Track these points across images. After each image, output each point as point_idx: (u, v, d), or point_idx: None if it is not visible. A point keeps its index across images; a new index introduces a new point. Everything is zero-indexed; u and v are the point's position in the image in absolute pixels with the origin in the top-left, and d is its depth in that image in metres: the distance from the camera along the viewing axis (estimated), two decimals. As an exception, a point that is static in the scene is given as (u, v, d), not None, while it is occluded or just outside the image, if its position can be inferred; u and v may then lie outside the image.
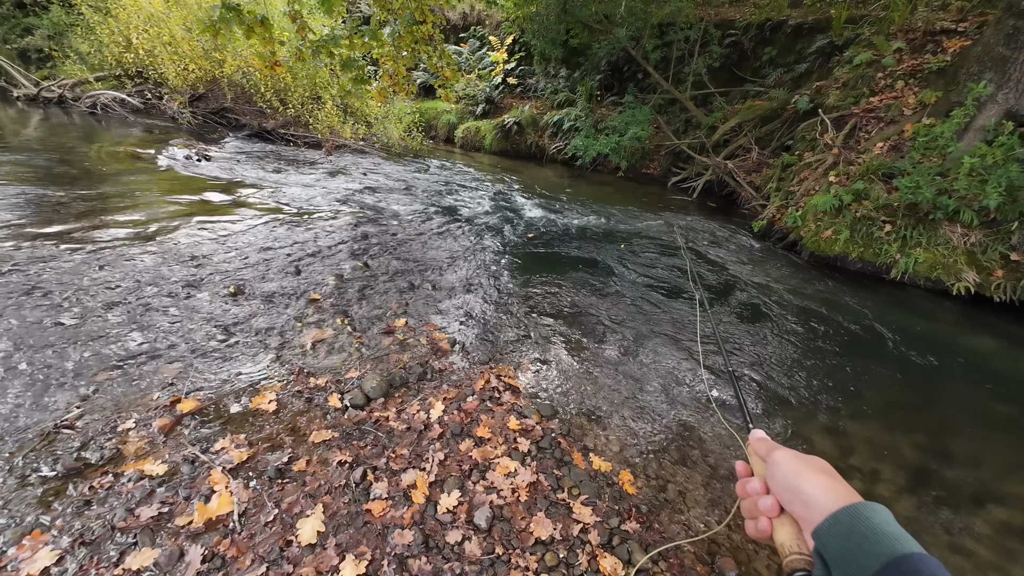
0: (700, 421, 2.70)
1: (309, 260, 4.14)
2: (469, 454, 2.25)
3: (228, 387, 2.50)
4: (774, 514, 0.57)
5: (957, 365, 3.51)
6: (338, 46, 4.60)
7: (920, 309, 4.34)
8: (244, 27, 4.00)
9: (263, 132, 9.75)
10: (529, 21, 10.05)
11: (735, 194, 7.64)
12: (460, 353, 3.10)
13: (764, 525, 0.58)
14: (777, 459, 0.59)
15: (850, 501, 0.49)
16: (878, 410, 2.94)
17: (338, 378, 2.68)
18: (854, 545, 0.45)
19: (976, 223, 4.35)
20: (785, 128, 7.51)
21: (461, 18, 15.05)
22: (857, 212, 5.00)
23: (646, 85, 10.03)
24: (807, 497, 0.53)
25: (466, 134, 12.43)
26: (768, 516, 0.58)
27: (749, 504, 0.61)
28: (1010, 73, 4.61)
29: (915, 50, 6.22)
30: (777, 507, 0.57)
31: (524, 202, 7.20)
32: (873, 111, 5.95)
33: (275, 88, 9.43)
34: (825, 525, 0.49)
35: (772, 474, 0.59)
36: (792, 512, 0.55)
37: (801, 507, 0.53)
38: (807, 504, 0.52)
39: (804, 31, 8.36)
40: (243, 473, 2.00)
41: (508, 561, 1.78)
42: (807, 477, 0.54)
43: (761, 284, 4.64)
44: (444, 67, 5.54)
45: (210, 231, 4.46)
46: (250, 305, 3.30)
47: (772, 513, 0.57)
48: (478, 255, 4.81)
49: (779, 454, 0.60)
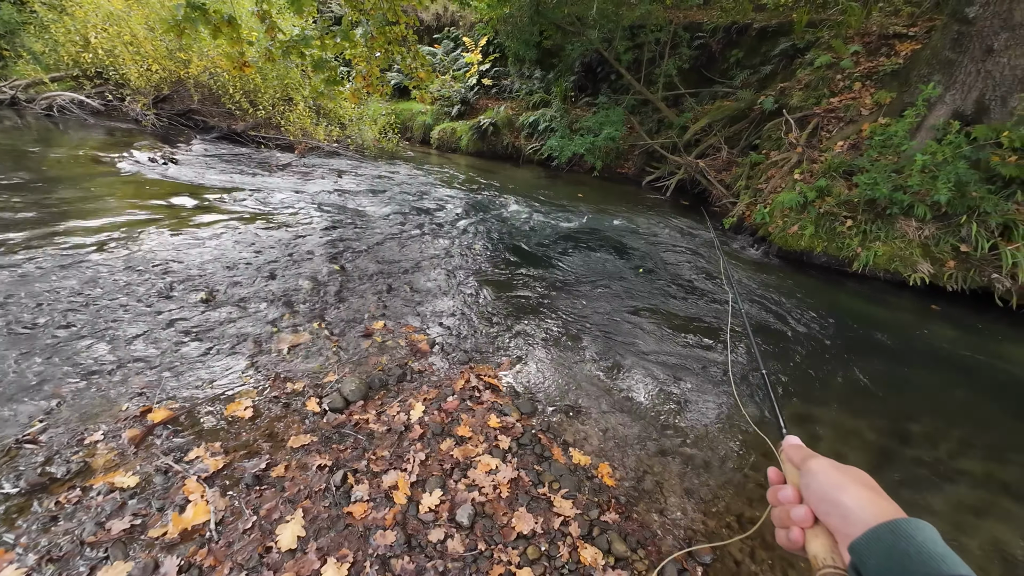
0: (676, 412, 2.78)
1: (283, 264, 4.07)
2: (450, 453, 2.26)
3: (201, 395, 2.45)
4: (807, 524, 0.55)
5: (914, 352, 3.71)
6: (309, 47, 4.54)
7: (880, 300, 4.56)
8: (210, 27, 3.90)
9: (232, 134, 9.50)
10: (503, 22, 10.10)
11: (707, 192, 7.85)
12: (439, 354, 3.11)
13: (796, 535, 0.55)
14: (814, 468, 0.57)
15: (892, 517, 0.47)
16: (842, 397, 3.09)
17: (316, 382, 2.66)
18: (895, 564, 0.43)
19: (929, 217, 4.59)
20: (752, 128, 7.76)
21: (434, 19, 14.99)
22: (820, 208, 5.22)
23: (619, 86, 10.20)
24: (845, 509, 0.50)
25: (442, 135, 12.39)
26: (801, 526, 0.56)
27: (781, 512, 0.59)
28: (956, 75, 4.89)
29: (870, 53, 6.52)
30: (811, 517, 0.55)
31: (501, 203, 7.23)
32: (833, 111, 6.22)
33: (244, 89, 9.21)
34: (864, 540, 0.47)
35: (807, 483, 0.57)
36: (828, 524, 0.53)
37: (838, 519, 0.51)
38: (845, 517, 0.50)
39: (768, 34, 8.66)
40: (219, 481, 1.97)
41: (491, 556, 1.80)
42: (847, 489, 0.52)
43: (733, 277, 4.79)
44: (418, 68, 5.52)
45: (178, 236, 4.33)
46: (223, 311, 3.23)
47: (805, 523, 0.55)
48: (456, 256, 4.81)
49: (816, 463, 0.57)
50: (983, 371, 3.53)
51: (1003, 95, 4.68)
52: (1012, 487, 2.45)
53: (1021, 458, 2.65)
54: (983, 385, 3.34)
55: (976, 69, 4.79)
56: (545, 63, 11.17)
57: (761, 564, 1.93)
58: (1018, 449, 2.72)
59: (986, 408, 3.11)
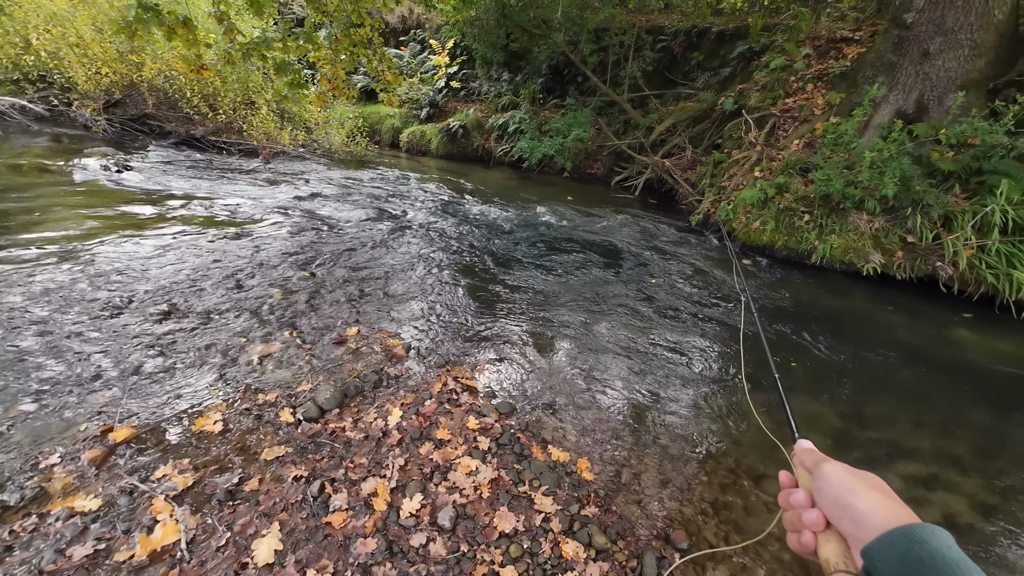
0: (650, 406, 2.85)
1: (250, 273, 3.95)
2: (430, 457, 2.25)
3: (167, 411, 2.36)
4: (819, 528, 0.55)
5: (868, 338, 3.92)
6: (271, 49, 4.43)
7: (837, 290, 4.80)
8: (164, 28, 3.76)
9: (192, 140, 9.14)
10: (469, 25, 10.10)
11: (673, 191, 8.07)
12: (416, 358, 3.09)
13: (807, 539, 0.55)
14: (826, 472, 0.57)
15: (906, 522, 0.46)
16: (803, 383, 3.24)
17: (289, 392, 2.60)
18: (908, 569, 0.43)
19: (878, 210, 4.87)
20: (714, 127, 8.03)
21: (400, 21, 14.84)
22: (780, 204, 5.45)
23: (586, 88, 10.36)
24: (858, 513, 0.50)
25: (411, 138, 12.27)
26: (812, 530, 0.55)
27: (792, 516, 0.59)
28: (898, 77, 5.21)
29: (821, 56, 6.87)
30: (823, 521, 0.55)
31: (473, 205, 7.23)
32: (789, 111, 6.51)
33: (203, 93, 8.87)
34: (877, 545, 0.46)
35: (819, 487, 0.57)
36: (840, 528, 0.53)
37: (850, 524, 0.51)
38: (858, 521, 0.50)
39: (726, 37, 8.98)
40: (189, 499, 1.90)
41: (473, 557, 1.81)
42: (860, 493, 0.52)
43: (698, 274, 4.95)
44: (385, 71, 5.46)
45: (136, 247, 4.15)
46: (186, 323, 3.11)
47: (817, 527, 0.55)
48: (429, 259, 4.79)
49: (828, 467, 0.57)
50: (931, 354, 3.77)
51: (939, 95, 5.02)
52: (960, 460, 2.63)
53: (966, 433, 2.85)
54: (931, 367, 3.57)
55: (915, 71, 5.11)
56: (513, 65, 11.24)
57: (734, 546, 2.01)
58: (964, 425, 2.92)
59: (934, 388, 3.32)
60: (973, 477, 2.51)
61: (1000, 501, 2.37)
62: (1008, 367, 3.60)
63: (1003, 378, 3.48)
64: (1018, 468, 2.59)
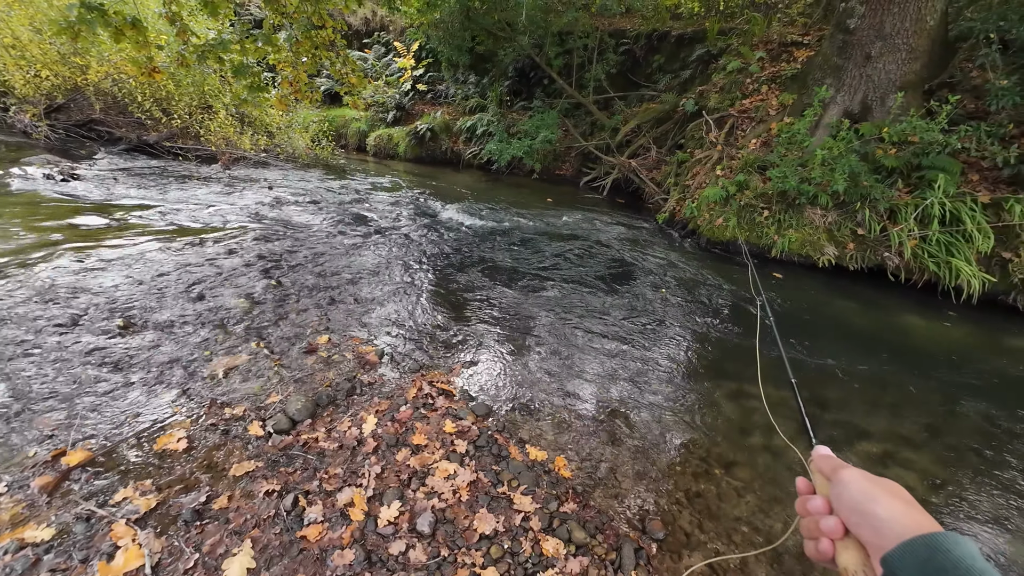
0: (624, 402, 2.91)
1: (212, 283, 3.81)
2: (407, 463, 2.23)
3: (126, 430, 2.24)
4: (837, 536, 0.54)
5: (826, 327, 4.13)
6: (227, 51, 4.28)
7: (796, 282, 5.03)
8: (111, 29, 3.57)
9: (145, 146, 8.72)
10: (433, 28, 10.05)
11: (640, 190, 8.26)
12: (389, 364, 3.05)
13: (825, 546, 0.55)
14: (845, 478, 0.56)
15: (928, 530, 0.45)
16: (767, 372, 3.37)
17: (258, 405, 2.52)
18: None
19: (831, 205, 5.13)
20: (677, 128, 8.27)
21: (363, 23, 14.63)
22: (741, 201, 5.66)
23: (552, 90, 10.48)
24: (878, 521, 0.49)
25: (378, 142, 12.10)
26: (831, 537, 0.55)
27: (810, 523, 0.59)
28: (844, 79, 5.51)
29: (773, 59, 7.19)
30: (841, 528, 0.54)
31: (442, 207, 7.20)
32: (746, 111, 6.78)
33: (155, 97, 8.48)
34: (897, 553, 0.45)
35: (838, 494, 0.56)
36: (859, 535, 0.52)
37: (870, 531, 0.50)
38: (877, 529, 0.49)
39: (685, 41, 9.27)
40: (153, 521, 1.81)
41: (454, 561, 1.80)
42: (880, 500, 0.51)
43: (667, 270, 5.09)
44: (349, 74, 5.37)
45: (86, 260, 3.92)
46: (145, 338, 2.97)
47: (835, 534, 0.54)
48: (399, 264, 4.73)
49: (847, 473, 0.56)
50: (882, 340, 4.00)
51: (881, 96, 5.34)
52: (910, 439, 2.79)
53: (915, 413, 3.03)
54: (882, 352, 3.79)
55: (859, 73, 5.42)
56: (479, 68, 11.25)
57: (709, 534, 2.08)
58: (913, 406, 3.11)
59: (885, 373, 3.52)
60: (924, 453, 2.68)
61: (949, 475, 2.54)
62: (952, 351, 3.87)
63: (947, 361, 3.73)
64: (964, 445, 2.79)
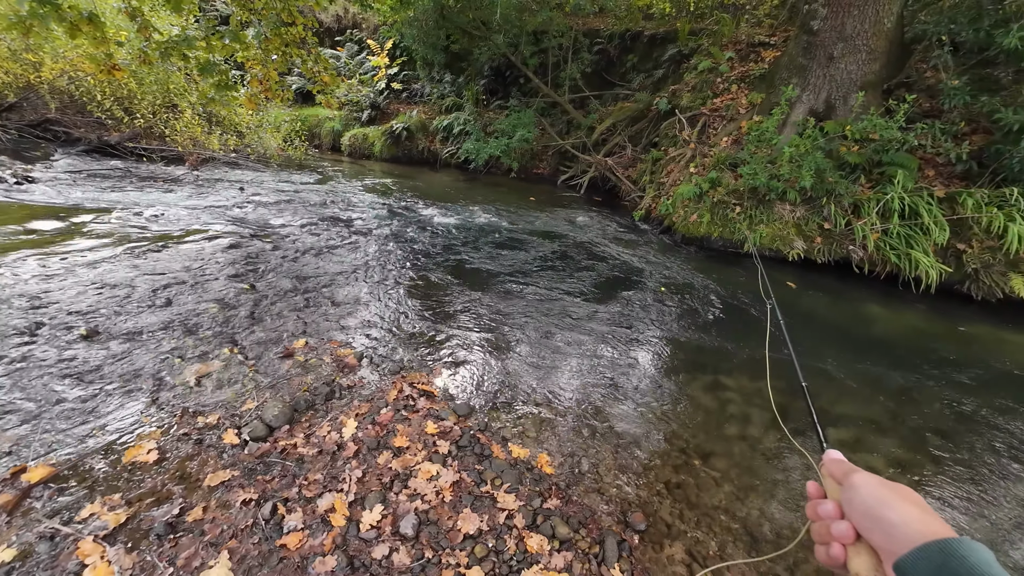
0: (605, 397, 2.95)
1: (181, 288, 3.68)
2: (388, 466, 2.21)
3: (92, 444, 2.15)
4: (848, 540, 0.54)
5: (796, 318, 4.27)
6: (192, 48, 4.15)
7: (768, 276, 5.18)
8: (66, 24, 3.42)
9: (106, 147, 8.35)
10: (407, 26, 9.94)
11: (617, 188, 8.37)
12: (369, 366, 3.01)
13: (837, 551, 0.54)
14: (856, 483, 0.55)
15: (942, 536, 0.45)
16: (743, 364, 3.47)
17: (233, 412, 2.45)
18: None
19: (799, 201, 5.31)
20: (651, 127, 8.41)
21: (335, 21, 14.36)
22: (714, 198, 5.80)
23: (528, 89, 10.52)
24: (891, 526, 0.49)
25: (353, 141, 11.91)
26: (842, 542, 0.54)
27: (821, 528, 0.58)
28: (809, 78, 5.71)
29: (742, 58, 7.38)
30: (852, 533, 0.54)
31: (420, 208, 7.14)
32: (717, 110, 6.94)
33: (116, 95, 8.13)
34: (910, 558, 0.45)
35: (849, 498, 0.55)
36: (871, 540, 0.52)
37: (882, 536, 0.50)
38: (890, 534, 0.48)
39: (658, 41, 9.43)
40: (123, 537, 1.75)
41: (439, 562, 1.80)
42: (893, 505, 0.50)
43: (643, 265, 5.18)
44: (321, 72, 5.27)
45: (45, 266, 3.74)
46: (110, 346, 2.85)
47: (846, 539, 0.54)
48: (378, 265, 4.67)
49: (859, 477, 0.56)
50: (849, 331, 4.16)
51: (844, 95, 5.55)
52: (878, 423, 2.92)
53: (883, 399, 3.17)
54: (849, 342, 3.94)
55: (823, 73, 5.62)
56: (454, 67, 11.19)
57: (689, 523, 2.13)
58: (882, 392, 3.24)
59: (854, 361, 3.67)
60: (890, 437, 2.81)
61: (912, 457, 2.66)
62: (913, 339, 4.05)
63: (909, 348, 3.91)
64: (926, 428, 2.93)
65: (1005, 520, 2.27)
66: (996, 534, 2.20)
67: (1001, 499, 2.38)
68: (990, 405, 3.12)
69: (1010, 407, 3.11)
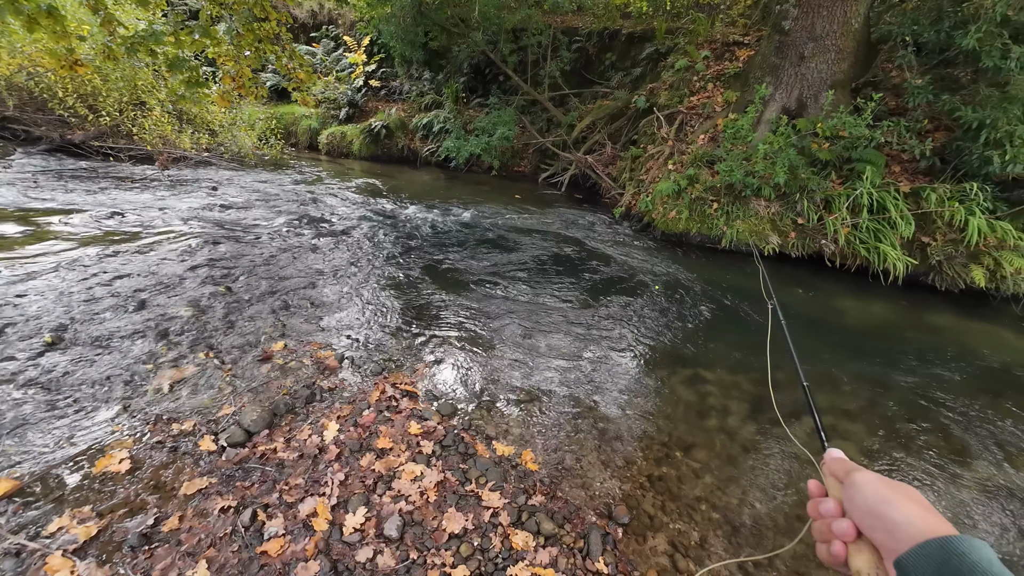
0: (588, 393, 2.97)
1: (153, 292, 3.57)
2: (371, 468, 2.19)
3: (59, 455, 2.07)
4: (850, 538, 0.54)
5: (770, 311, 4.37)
6: (160, 43, 4.01)
7: (743, 270, 5.30)
8: (23, 18, 3.26)
9: (69, 146, 8.02)
10: (385, 22, 9.80)
11: (597, 185, 8.43)
12: (350, 368, 2.97)
13: (838, 549, 0.54)
14: (858, 481, 0.56)
15: (943, 533, 0.45)
16: (722, 356, 3.55)
17: (209, 418, 2.39)
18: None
19: (773, 197, 5.44)
20: (630, 124, 8.49)
21: (310, 16, 14.07)
22: (692, 194, 5.90)
23: (508, 87, 10.49)
24: (892, 524, 0.49)
25: (331, 140, 11.70)
26: (843, 540, 0.54)
27: (822, 526, 0.58)
28: (781, 77, 5.85)
29: (718, 58, 7.51)
30: (853, 531, 0.54)
31: (401, 207, 7.06)
32: (694, 108, 7.05)
33: (80, 92, 7.81)
34: (912, 555, 0.45)
35: (851, 496, 0.56)
36: (872, 538, 0.52)
37: (884, 534, 0.50)
38: (892, 531, 0.49)
39: (635, 39, 9.52)
40: (94, 550, 1.69)
41: (424, 563, 1.79)
42: (896, 503, 0.50)
43: (624, 261, 5.23)
44: (297, 69, 5.16)
45: (5, 271, 3.58)
46: (78, 354, 2.75)
47: (847, 537, 0.54)
48: (358, 266, 4.61)
49: (861, 476, 0.56)
50: (821, 323, 4.29)
51: (815, 93, 5.70)
52: (850, 413, 3.01)
53: (854, 387, 3.27)
54: (821, 334, 4.06)
55: (794, 72, 5.77)
56: (433, 64, 11.09)
57: (671, 515, 2.17)
58: (854, 380, 3.35)
59: (827, 352, 3.78)
60: (858, 424, 2.91)
61: (881, 444, 2.76)
62: (882, 329, 4.20)
63: (879, 338, 4.05)
64: (895, 414, 3.04)
65: (968, 498, 2.38)
66: (960, 510, 2.31)
67: (964, 477, 2.50)
68: (953, 391, 3.26)
69: (969, 391, 3.26)
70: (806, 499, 0.61)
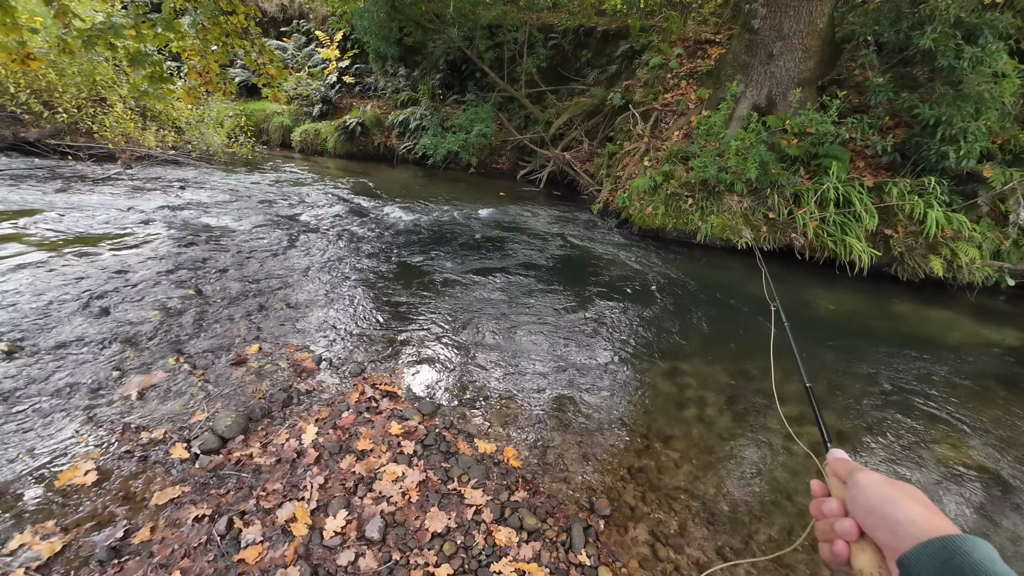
0: (568, 388, 3.00)
1: (118, 296, 3.43)
2: (352, 470, 2.16)
3: (18, 469, 1.98)
4: (852, 538, 0.54)
5: (745, 305, 4.49)
6: (120, 37, 3.84)
7: (719, 264, 5.43)
8: (-33, 10, 3.08)
9: (23, 144, 7.62)
10: (358, 17, 9.61)
11: (575, 182, 8.49)
12: (328, 369, 2.92)
13: (840, 549, 0.55)
14: (861, 481, 0.56)
15: (946, 532, 0.45)
16: (698, 349, 3.63)
17: (180, 425, 2.32)
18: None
19: (745, 192, 5.58)
20: (607, 121, 8.56)
21: (280, 11, 13.69)
22: (668, 190, 6.00)
23: (485, 84, 10.45)
24: (895, 523, 0.49)
25: (304, 137, 11.44)
26: (846, 539, 0.55)
27: (824, 526, 0.59)
28: (751, 75, 5.99)
29: (691, 55, 7.64)
30: (856, 531, 0.54)
31: (378, 205, 6.97)
32: (668, 105, 7.16)
33: (33, 88, 7.42)
34: (914, 554, 0.45)
35: (854, 496, 0.56)
36: (875, 538, 0.52)
37: (887, 533, 0.50)
38: (895, 530, 0.49)
39: (611, 37, 9.61)
40: (59, 566, 1.62)
41: (407, 563, 1.78)
42: (899, 502, 0.50)
43: (602, 256, 5.29)
44: (267, 64, 5.01)
45: (-46, 277, 3.38)
46: (37, 363, 2.62)
47: (850, 537, 0.54)
48: (335, 265, 4.53)
49: (863, 476, 0.57)
50: (792, 313, 4.42)
51: (783, 91, 5.86)
52: (826, 403, 3.12)
53: (828, 377, 3.39)
54: (793, 323, 4.19)
55: (764, 70, 5.91)
56: (409, 60, 10.95)
57: (651, 504, 2.21)
58: (827, 371, 3.47)
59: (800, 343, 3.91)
60: (831, 410, 3.01)
61: (852, 430, 2.87)
62: (853, 318, 4.37)
63: (847, 326, 4.21)
64: (865, 403, 3.17)
65: (927, 470, 2.50)
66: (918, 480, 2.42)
67: (922, 457, 2.62)
68: (914, 374, 3.42)
69: (927, 375, 3.42)
70: (784, 487, 0.63)
